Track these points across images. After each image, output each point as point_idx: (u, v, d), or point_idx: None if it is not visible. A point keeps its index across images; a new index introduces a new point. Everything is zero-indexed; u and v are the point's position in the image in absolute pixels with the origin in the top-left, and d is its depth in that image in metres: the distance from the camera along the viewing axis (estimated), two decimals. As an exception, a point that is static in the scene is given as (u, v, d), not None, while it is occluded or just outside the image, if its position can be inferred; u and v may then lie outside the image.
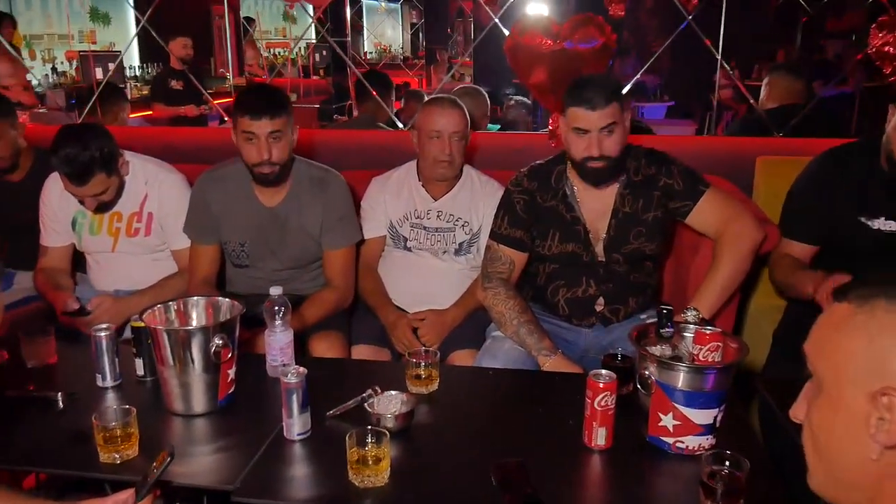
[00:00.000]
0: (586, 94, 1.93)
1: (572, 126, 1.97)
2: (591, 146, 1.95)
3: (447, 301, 2.34)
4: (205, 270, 2.31)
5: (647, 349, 1.50)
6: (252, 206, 2.28)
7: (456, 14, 10.96)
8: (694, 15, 2.77)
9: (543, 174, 2.13)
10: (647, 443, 1.48)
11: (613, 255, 2.09)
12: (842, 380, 0.78)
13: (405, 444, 1.49)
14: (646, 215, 2.07)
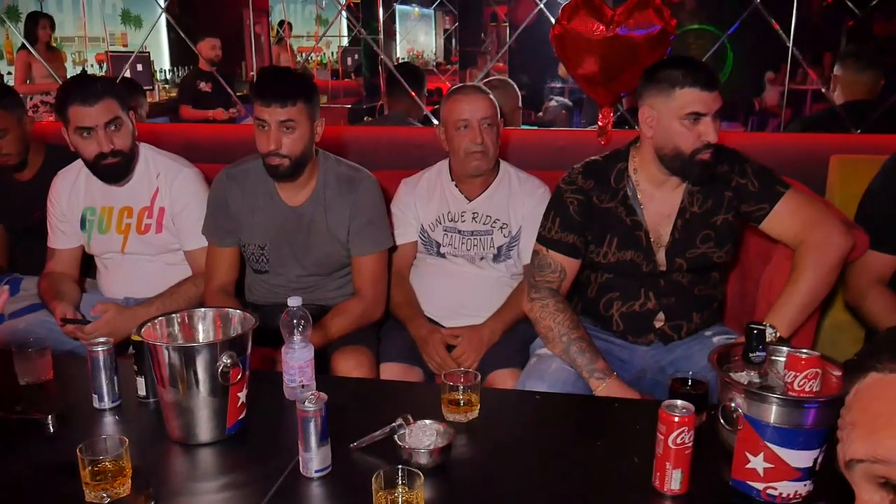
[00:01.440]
0: (700, 75, 1.68)
1: (686, 112, 1.70)
2: (709, 132, 1.70)
3: (485, 312, 2.12)
4: (222, 277, 2.12)
5: (731, 376, 1.26)
6: (274, 205, 2.09)
7: (490, 18, 10.80)
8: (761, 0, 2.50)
9: (601, 172, 1.87)
10: (731, 488, 1.24)
11: (677, 261, 1.84)
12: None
13: (441, 485, 1.27)
14: (715, 218, 1.82)
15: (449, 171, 2.26)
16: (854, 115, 2.59)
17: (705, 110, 1.70)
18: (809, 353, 1.27)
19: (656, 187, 1.84)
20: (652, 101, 1.75)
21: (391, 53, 10.81)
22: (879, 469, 0.65)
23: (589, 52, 2.31)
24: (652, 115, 1.76)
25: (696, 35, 5.10)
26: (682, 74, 1.70)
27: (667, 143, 1.75)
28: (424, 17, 13.82)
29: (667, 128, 1.73)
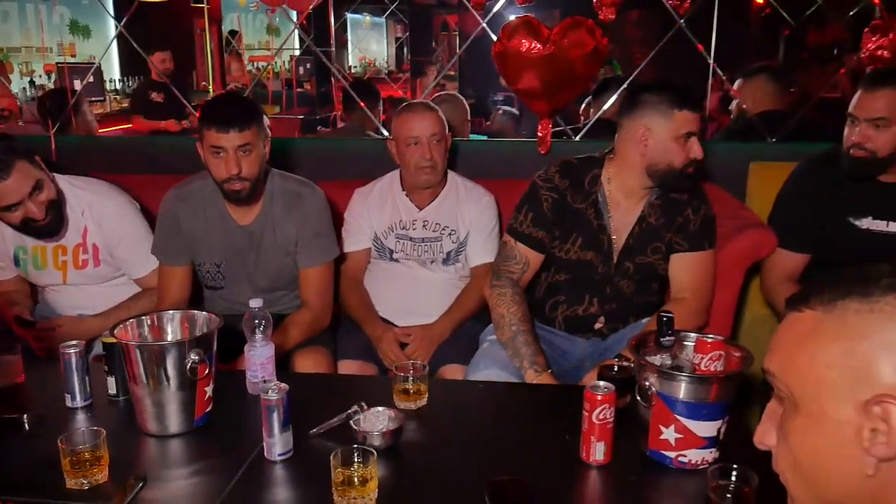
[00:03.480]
0: (694, 98, 1.89)
1: (683, 132, 1.87)
2: (698, 149, 1.88)
3: (436, 311, 2.27)
4: (175, 294, 2.15)
5: (646, 359, 1.43)
6: (226, 226, 2.13)
7: (441, 27, 10.96)
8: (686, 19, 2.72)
9: (577, 174, 2.02)
10: (647, 457, 1.41)
11: (626, 265, 2.01)
12: (822, 395, 0.72)
13: (393, 463, 1.41)
14: (666, 233, 2.00)
15: (400, 181, 2.40)
16: (769, 125, 2.83)
17: (696, 130, 1.89)
18: (714, 338, 1.46)
19: (625, 197, 2.00)
20: (649, 121, 1.89)
21: (343, 62, 10.90)
22: (770, 379, 0.80)
23: (527, 69, 2.48)
24: (648, 135, 1.89)
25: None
26: (680, 98, 1.87)
27: (661, 159, 1.90)
28: (376, 25, 13.92)
29: (664, 146, 1.88)
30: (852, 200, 2.07)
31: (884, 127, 1.93)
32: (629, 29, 7.56)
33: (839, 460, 0.72)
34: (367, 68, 12.13)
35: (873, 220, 2.05)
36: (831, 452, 0.73)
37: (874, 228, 2.05)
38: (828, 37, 6.83)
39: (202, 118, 1.99)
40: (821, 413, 0.72)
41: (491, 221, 2.35)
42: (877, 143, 1.95)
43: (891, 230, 2.04)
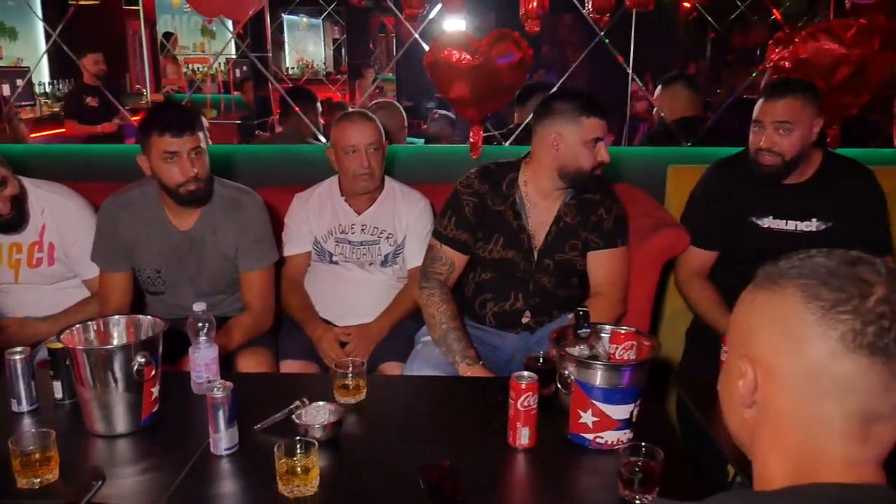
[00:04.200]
0: (600, 105, 2.05)
1: (591, 137, 2.02)
2: (605, 153, 2.04)
3: (374, 312, 2.36)
4: (117, 300, 2.20)
5: (566, 350, 1.56)
6: (166, 231, 2.19)
7: (378, 29, 11.01)
8: (606, 31, 2.88)
9: (495, 178, 2.16)
10: (568, 440, 1.53)
11: (545, 262, 2.15)
12: (731, 345, 0.86)
13: (334, 454, 1.51)
14: (582, 232, 2.15)
15: (339, 187, 2.48)
16: (686, 129, 3.02)
17: (603, 135, 2.05)
18: (627, 329, 1.60)
19: (541, 198, 2.14)
20: (559, 127, 2.04)
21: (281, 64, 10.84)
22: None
23: (458, 78, 2.61)
24: (559, 139, 2.04)
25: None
26: (588, 106, 2.02)
27: (572, 162, 2.05)
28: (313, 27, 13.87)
29: (574, 150, 2.03)
30: (755, 201, 2.24)
31: (787, 132, 2.10)
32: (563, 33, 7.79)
33: (730, 399, 0.86)
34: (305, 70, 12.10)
35: (774, 220, 2.23)
36: (727, 391, 0.87)
37: (775, 227, 2.23)
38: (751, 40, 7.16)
39: (149, 128, 2.04)
40: (728, 359, 0.87)
41: (427, 225, 2.46)
42: (783, 147, 2.12)
43: (789, 228, 2.22)
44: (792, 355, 0.76)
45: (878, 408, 0.74)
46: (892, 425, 0.75)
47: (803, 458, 0.77)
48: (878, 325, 0.72)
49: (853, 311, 0.73)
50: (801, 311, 0.76)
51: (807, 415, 0.77)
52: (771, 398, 0.80)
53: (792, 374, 0.77)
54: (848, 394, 0.74)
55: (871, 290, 0.73)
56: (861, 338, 0.72)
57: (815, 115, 2.12)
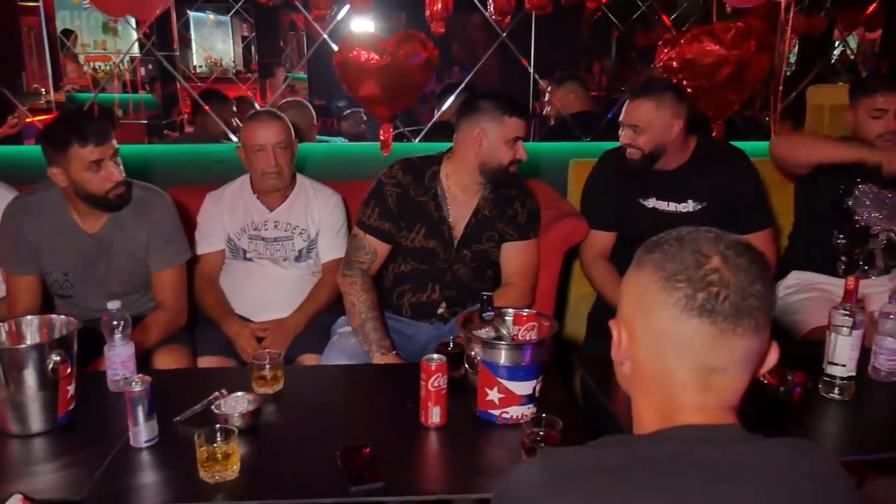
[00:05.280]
0: (522, 106, 2.20)
1: (512, 136, 2.14)
2: (524, 152, 2.16)
3: (290, 307, 2.41)
4: (26, 303, 2.17)
5: (473, 333, 1.67)
6: (73, 234, 2.17)
7: (288, 27, 10.90)
8: (513, 31, 3.02)
9: (418, 170, 2.25)
10: (477, 417, 1.64)
11: (463, 252, 2.25)
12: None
13: (254, 441, 1.56)
14: (499, 224, 2.27)
15: (250, 185, 2.52)
16: (581, 124, 3.20)
17: (523, 135, 2.17)
18: (529, 312, 1.73)
19: (461, 192, 2.25)
20: (483, 124, 2.15)
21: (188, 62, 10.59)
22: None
23: (367, 78, 2.68)
24: (482, 136, 2.16)
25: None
26: (511, 106, 2.15)
27: (493, 159, 2.17)
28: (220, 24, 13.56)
29: (495, 147, 2.16)
30: (639, 185, 2.43)
31: (639, 132, 2.31)
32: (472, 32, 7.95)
33: (615, 362, 0.98)
34: (214, 68, 11.83)
35: (657, 201, 2.43)
36: (615, 353, 0.98)
37: (658, 208, 2.43)
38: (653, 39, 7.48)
39: (65, 140, 2.00)
40: (615, 326, 0.97)
41: (339, 220, 2.53)
42: (639, 144, 2.33)
43: (671, 209, 2.42)
44: (644, 319, 0.89)
45: (713, 362, 0.87)
46: (727, 376, 0.88)
47: (665, 406, 0.90)
48: (707, 292, 0.84)
49: (686, 279, 0.85)
50: (650, 281, 0.88)
51: (660, 369, 0.89)
52: (634, 356, 0.92)
53: (645, 335, 0.90)
54: (686, 351, 0.86)
55: (707, 261, 0.86)
56: (693, 302, 0.85)
57: (673, 115, 2.30)
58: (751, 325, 0.85)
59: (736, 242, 0.89)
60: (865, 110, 2.44)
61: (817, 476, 0.85)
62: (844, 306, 1.78)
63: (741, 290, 0.85)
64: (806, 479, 0.84)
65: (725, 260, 0.86)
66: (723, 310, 0.84)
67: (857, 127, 2.49)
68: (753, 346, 0.87)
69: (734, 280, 0.85)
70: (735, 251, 0.87)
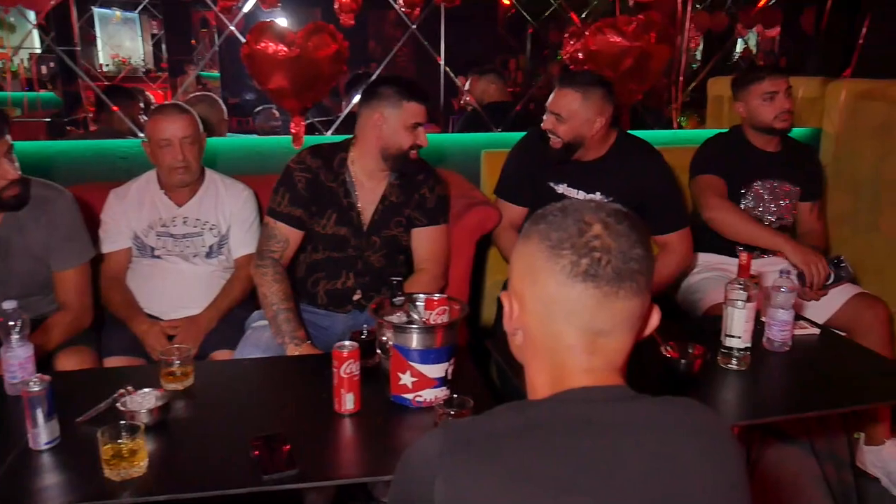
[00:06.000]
0: (422, 92, 2.18)
1: (412, 122, 2.15)
2: (424, 137, 2.18)
3: (202, 303, 2.36)
4: None
5: (384, 319, 1.68)
6: None
7: (200, 24, 10.63)
8: (426, 29, 3.04)
9: (326, 156, 2.24)
10: (391, 402, 1.65)
11: (373, 238, 2.26)
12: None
13: (164, 437, 1.53)
14: (406, 210, 2.28)
15: (157, 180, 2.46)
16: (496, 115, 3.26)
17: (423, 120, 2.18)
18: (440, 296, 1.75)
19: (367, 178, 2.26)
20: (383, 110, 2.16)
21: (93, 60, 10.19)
22: None
23: (276, 70, 2.65)
24: (382, 121, 2.16)
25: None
26: (410, 92, 2.15)
27: (393, 144, 2.17)
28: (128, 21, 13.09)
29: (394, 132, 2.16)
30: (553, 170, 2.50)
31: (560, 121, 2.37)
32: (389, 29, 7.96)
33: (509, 333, 1.00)
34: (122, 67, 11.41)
35: (568, 187, 2.50)
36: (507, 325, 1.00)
37: (567, 194, 2.50)
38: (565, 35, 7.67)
39: None
40: (506, 297, 1.00)
41: (251, 215, 2.49)
42: (560, 132, 2.38)
43: (579, 198, 2.49)
44: (532, 287, 0.92)
45: (598, 325, 0.91)
46: (613, 338, 0.92)
47: (556, 371, 0.94)
48: (590, 258, 0.88)
49: (571, 247, 0.89)
50: (537, 250, 0.92)
51: (550, 335, 0.93)
52: (526, 324, 0.95)
53: (535, 303, 0.93)
54: (574, 315, 0.90)
55: (589, 228, 0.90)
56: (577, 268, 0.88)
57: (597, 111, 2.35)
58: (632, 287, 0.90)
59: (616, 210, 0.93)
60: (756, 97, 2.57)
61: (701, 431, 0.90)
62: (739, 281, 1.88)
63: (622, 254, 0.89)
64: (690, 434, 0.89)
65: (606, 227, 0.90)
66: (606, 274, 0.88)
67: (751, 116, 2.61)
68: (636, 308, 0.91)
69: (615, 245, 0.89)
70: (615, 218, 0.91)
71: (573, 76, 2.45)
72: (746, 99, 2.61)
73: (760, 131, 2.63)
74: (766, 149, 2.67)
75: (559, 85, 2.39)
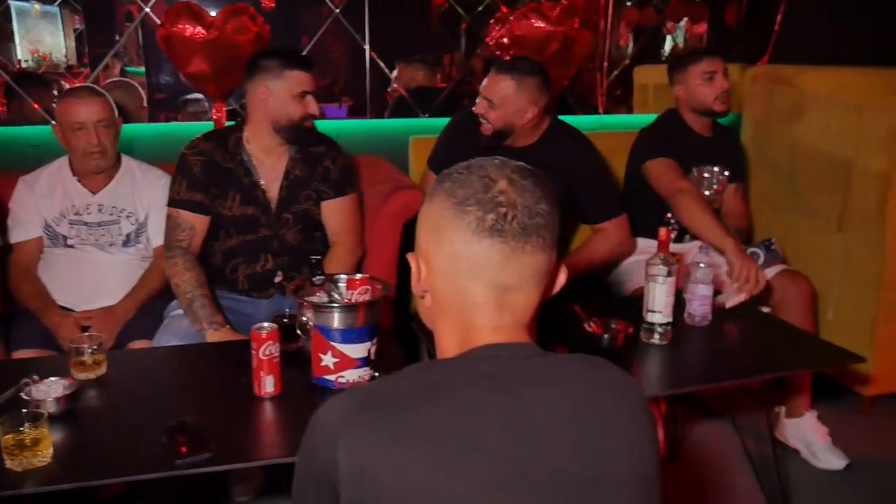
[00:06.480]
0: (303, 59, 2.14)
1: (297, 91, 2.10)
2: (314, 106, 2.13)
3: (119, 294, 2.28)
4: None
5: (305, 299, 1.65)
6: None
7: (125, 18, 10.30)
8: (342, 9, 3.00)
9: (221, 138, 2.19)
10: (313, 384, 1.61)
11: (284, 215, 2.21)
12: (417, 246, 0.99)
13: (72, 425, 1.46)
14: (312, 182, 2.24)
15: (70, 167, 2.36)
16: (422, 100, 3.25)
17: (310, 89, 2.13)
18: (362, 276, 1.72)
19: (266, 155, 2.21)
20: (267, 81, 2.10)
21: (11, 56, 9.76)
22: None
23: (194, 53, 2.58)
24: (267, 94, 2.11)
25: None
26: (291, 60, 2.11)
27: (282, 115, 2.12)
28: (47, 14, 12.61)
29: (282, 103, 2.11)
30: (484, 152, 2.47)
31: (491, 106, 2.35)
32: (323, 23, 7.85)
33: (416, 297, 0.99)
34: (42, 62, 10.98)
35: None
36: (414, 286, 0.99)
37: None
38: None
39: None
40: (413, 258, 0.99)
41: (171, 201, 2.41)
42: (490, 118, 2.37)
43: None
44: (439, 246, 0.91)
45: (505, 280, 0.90)
46: (520, 294, 0.92)
47: (463, 330, 0.93)
48: (496, 213, 0.88)
49: (476, 202, 0.88)
50: (442, 208, 0.90)
51: (457, 293, 0.92)
52: (434, 284, 0.94)
53: (442, 261, 0.92)
54: (482, 271, 0.89)
55: (494, 184, 0.89)
56: (483, 224, 0.88)
57: (531, 100, 2.33)
58: (539, 242, 0.89)
59: (520, 167, 0.93)
60: (695, 77, 2.58)
61: (609, 385, 0.90)
62: (659, 256, 1.91)
63: (528, 209, 0.89)
64: (598, 388, 0.89)
65: (511, 182, 0.90)
66: (512, 229, 0.88)
67: (690, 98, 2.62)
68: (542, 263, 0.91)
69: (521, 200, 0.89)
70: (520, 174, 0.91)
71: (510, 62, 2.42)
72: (685, 81, 2.62)
73: (699, 114, 2.64)
74: (703, 133, 2.69)
75: (495, 70, 2.36)
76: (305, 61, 2.15)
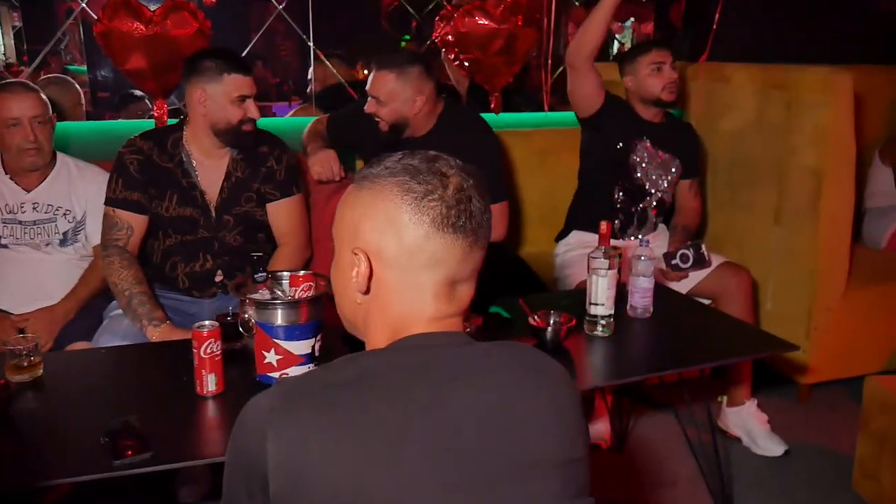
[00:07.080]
0: (242, 63, 2.12)
1: (236, 95, 2.08)
2: (254, 110, 2.11)
3: (58, 294, 2.23)
4: None
5: (248, 296, 1.63)
6: None
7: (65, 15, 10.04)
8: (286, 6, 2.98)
9: (159, 137, 2.16)
10: (257, 382, 1.59)
11: (225, 218, 2.18)
12: (340, 242, 0.99)
13: (5, 430, 1.43)
14: (254, 184, 2.22)
15: (1, 165, 2.30)
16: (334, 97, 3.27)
17: (249, 93, 2.10)
18: (305, 272, 1.71)
19: (206, 157, 2.18)
20: (204, 85, 2.07)
21: (-57, 55, 9.43)
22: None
23: (133, 49, 2.52)
24: (205, 96, 2.07)
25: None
26: (229, 64, 2.07)
27: (220, 119, 2.09)
28: (-16, 11, 12.21)
29: (220, 107, 2.08)
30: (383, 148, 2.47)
31: (381, 104, 2.36)
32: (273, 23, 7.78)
33: (345, 290, 0.99)
34: (-21, 61, 10.62)
35: None
36: (341, 284, 0.99)
37: None
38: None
39: None
40: (339, 256, 0.99)
41: (110, 200, 2.36)
42: (381, 115, 2.38)
43: None
44: (396, 239, 0.91)
45: (460, 274, 0.93)
46: (467, 286, 0.96)
47: (400, 323, 0.93)
48: (458, 209, 0.90)
49: (439, 199, 0.90)
50: (399, 203, 0.91)
51: (408, 285, 0.93)
52: (382, 277, 0.94)
53: (397, 255, 0.92)
54: (439, 264, 0.92)
55: (449, 181, 0.91)
56: (447, 220, 0.90)
57: (416, 89, 2.34)
58: (485, 238, 0.95)
59: (463, 165, 0.96)
60: (645, 67, 2.63)
61: (535, 369, 0.92)
62: (600, 249, 1.94)
63: (479, 207, 0.93)
64: (525, 372, 0.91)
65: (464, 180, 0.93)
66: (470, 226, 0.92)
67: (639, 88, 2.67)
68: (482, 259, 0.96)
69: (475, 198, 0.93)
70: (466, 172, 0.95)
71: (389, 57, 2.41)
72: (635, 72, 2.67)
73: (648, 104, 2.69)
74: (654, 120, 2.75)
75: (375, 67, 2.36)
76: (244, 64, 2.12)
